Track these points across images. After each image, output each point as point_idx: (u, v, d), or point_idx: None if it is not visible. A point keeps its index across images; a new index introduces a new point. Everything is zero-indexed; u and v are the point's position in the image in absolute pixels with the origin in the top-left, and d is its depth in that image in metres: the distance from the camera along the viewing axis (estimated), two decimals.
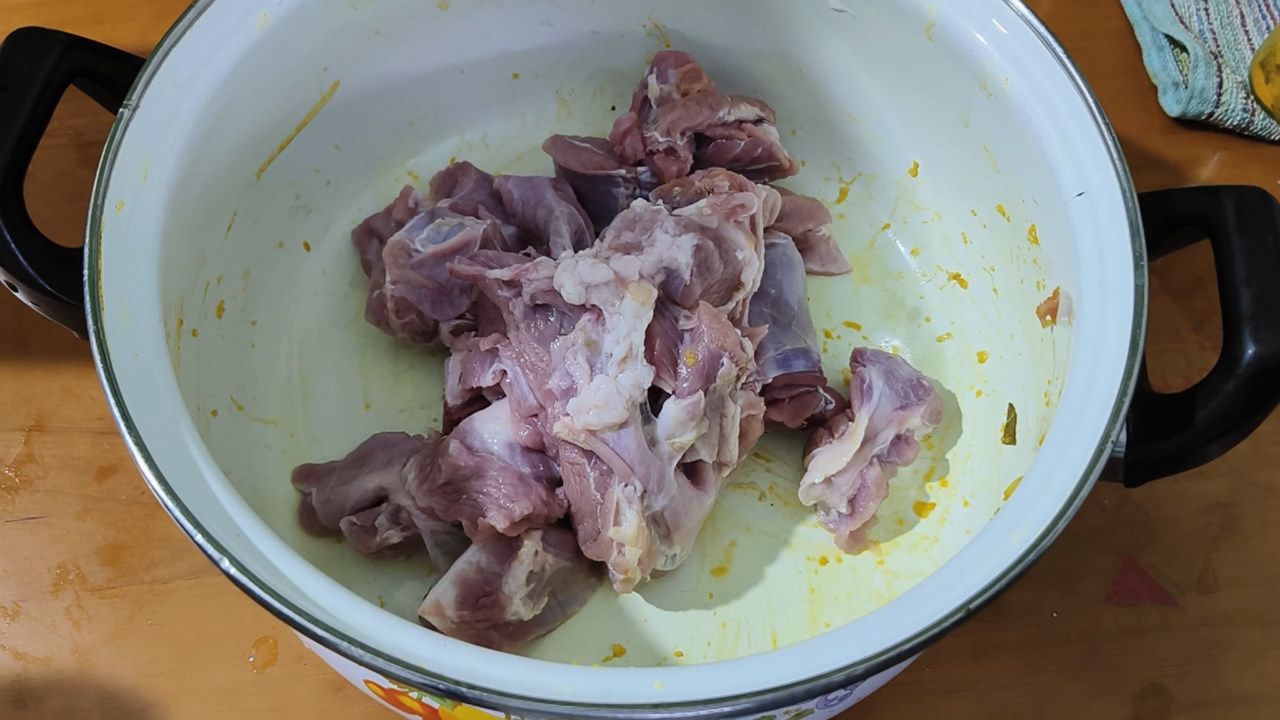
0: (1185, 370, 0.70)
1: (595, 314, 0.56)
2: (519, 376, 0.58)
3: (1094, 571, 0.64)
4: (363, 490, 0.59)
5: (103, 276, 0.50)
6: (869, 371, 0.63)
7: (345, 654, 0.43)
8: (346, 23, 0.63)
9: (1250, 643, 0.62)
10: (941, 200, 0.69)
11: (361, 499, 0.59)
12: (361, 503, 0.59)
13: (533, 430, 0.58)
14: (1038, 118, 0.57)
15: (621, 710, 0.42)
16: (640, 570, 0.56)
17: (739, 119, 0.67)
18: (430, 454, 0.58)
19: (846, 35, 0.66)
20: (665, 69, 0.69)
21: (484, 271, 0.59)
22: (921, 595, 0.45)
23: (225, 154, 0.59)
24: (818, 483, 0.61)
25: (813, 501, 0.62)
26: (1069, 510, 0.47)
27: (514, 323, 0.59)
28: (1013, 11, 0.59)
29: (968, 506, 0.63)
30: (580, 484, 0.56)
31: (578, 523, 0.58)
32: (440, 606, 0.55)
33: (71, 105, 0.58)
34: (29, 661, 0.60)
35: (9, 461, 0.65)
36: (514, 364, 0.58)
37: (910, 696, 0.60)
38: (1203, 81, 0.77)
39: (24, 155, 0.54)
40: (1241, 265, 0.51)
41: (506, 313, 0.59)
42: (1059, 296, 0.57)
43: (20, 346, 0.69)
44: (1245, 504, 0.66)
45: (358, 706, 0.59)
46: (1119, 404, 0.49)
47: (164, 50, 0.55)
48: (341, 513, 0.59)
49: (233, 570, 0.44)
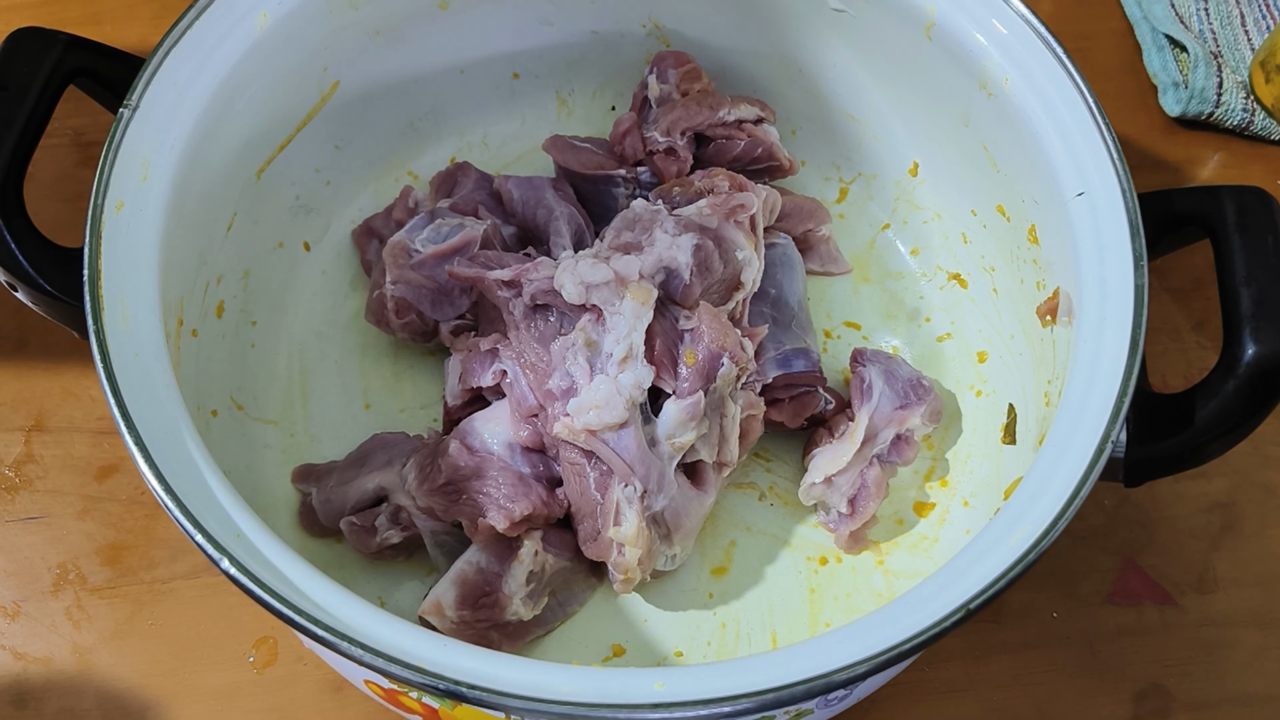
0: (1185, 370, 0.70)
1: (595, 314, 0.56)
2: (519, 377, 0.58)
3: (1094, 571, 0.64)
4: (363, 490, 0.59)
5: (103, 276, 0.50)
6: (869, 371, 0.63)
7: (345, 654, 0.43)
8: (346, 23, 0.63)
9: (1250, 643, 0.62)
10: (941, 200, 0.69)
11: (361, 499, 0.59)
12: (361, 503, 0.59)
13: (533, 431, 0.58)
14: (1038, 118, 0.57)
15: (621, 710, 0.42)
16: (640, 570, 0.56)
17: (739, 119, 0.67)
18: (430, 454, 0.58)
19: (846, 35, 0.66)
20: (665, 69, 0.69)
21: (484, 273, 0.59)
22: (921, 595, 0.45)
23: (225, 154, 0.59)
24: (818, 483, 0.61)
25: (813, 501, 0.62)
26: (1069, 510, 0.47)
27: (514, 323, 0.59)
28: (1013, 11, 0.59)
29: (968, 506, 0.63)
30: (580, 484, 0.56)
31: (578, 523, 0.58)
32: (440, 606, 0.55)
33: (71, 105, 0.58)
34: (29, 661, 0.60)
35: (9, 461, 0.65)
36: (514, 364, 0.58)
37: (910, 696, 0.60)
38: (1203, 81, 0.77)
39: (24, 155, 0.54)
40: (1241, 265, 0.51)
41: (506, 313, 0.59)
42: (1059, 296, 0.57)
43: (20, 346, 0.69)
44: (1245, 504, 0.66)
45: (358, 706, 0.59)
46: (1119, 404, 0.49)
47: (164, 50, 0.55)
48: (341, 513, 0.59)
49: (233, 570, 0.44)
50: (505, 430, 0.59)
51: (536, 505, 0.56)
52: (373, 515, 0.58)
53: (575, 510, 0.58)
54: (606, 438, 0.55)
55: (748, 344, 0.58)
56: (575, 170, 0.67)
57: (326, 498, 0.59)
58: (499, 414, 0.59)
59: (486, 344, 0.59)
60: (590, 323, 0.56)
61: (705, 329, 0.57)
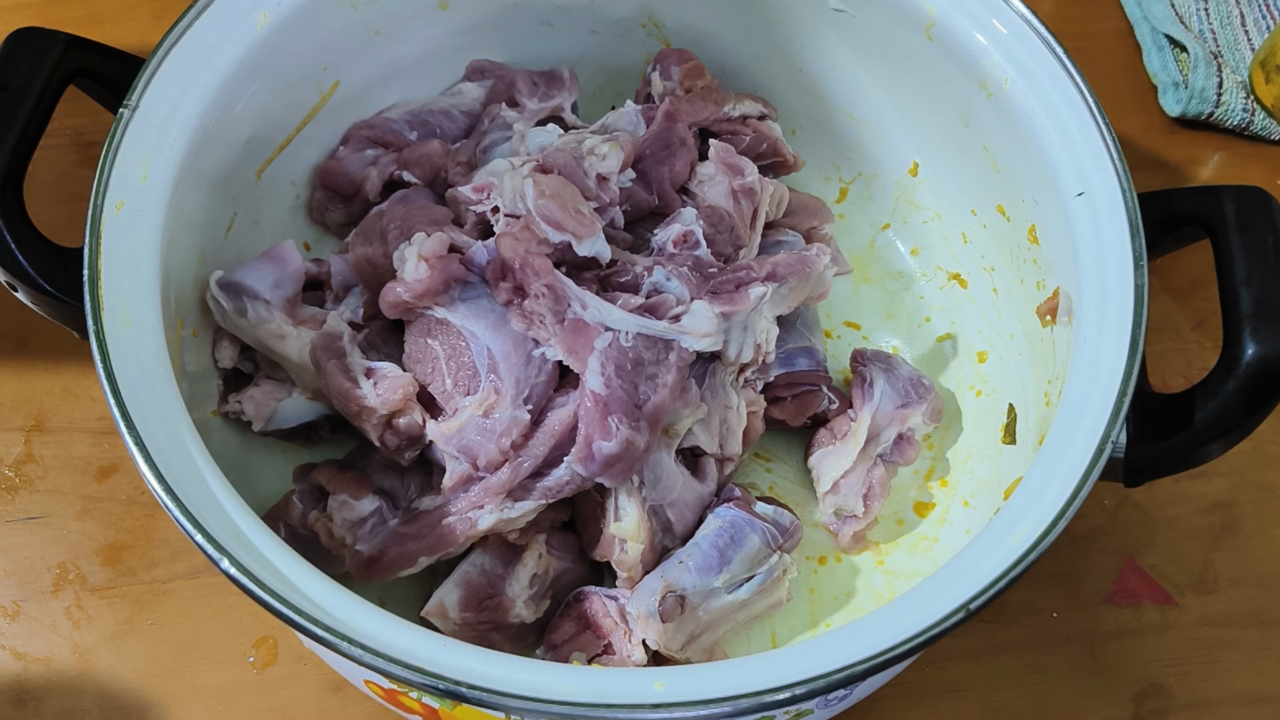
0: (1185, 370, 0.70)
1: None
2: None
3: (1094, 571, 0.64)
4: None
5: (103, 276, 0.50)
6: (870, 370, 0.63)
7: (345, 654, 0.43)
8: (346, 23, 0.63)
9: (1250, 643, 0.62)
10: (941, 200, 0.69)
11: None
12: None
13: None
14: (1038, 118, 0.57)
15: (621, 710, 0.42)
16: (642, 568, 0.56)
17: (744, 114, 0.67)
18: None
19: (846, 35, 0.66)
20: (668, 66, 0.69)
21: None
22: (921, 595, 0.46)
23: (225, 154, 0.59)
24: (828, 490, 0.61)
25: (831, 510, 0.61)
26: (1069, 510, 0.47)
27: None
28: (1013, 11, 0.59)
29: (968, 506, 0.63)
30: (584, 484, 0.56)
31: (581, 527, 0.58)
32: (444, 608, 0.55)
33: (71, 105, 0.58)
34: (29, 661, 0.60)
35: (9, 461, 0.65)
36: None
37: (910, 696, 0.60)
38: (1203, 81, 0.77)
39: (24, 155, 0.54)
40: (1241, 265, 0.51)
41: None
42: (1059, 296, 0.57)
43: (20, 346, 0.69)
44: (1245, 504, 0.66)
45: (358, 706, 0.59)
46: (1119, 404, 0.49)
47: (164, 50, 0.55)
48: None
49: (233, 570, 0.44)
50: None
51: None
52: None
53: (578, 514, 0.58)
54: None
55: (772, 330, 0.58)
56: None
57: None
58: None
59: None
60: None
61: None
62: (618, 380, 0.53)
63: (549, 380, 0.55)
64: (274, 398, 0.60)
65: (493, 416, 0.54)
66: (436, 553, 0.54)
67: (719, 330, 0.54)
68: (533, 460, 0.54)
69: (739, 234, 0.60)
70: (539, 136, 0.62)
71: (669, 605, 0.53)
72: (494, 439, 0.53)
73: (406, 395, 0.55)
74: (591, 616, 0.56)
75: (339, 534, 0.55)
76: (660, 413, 0.54)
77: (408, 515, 0.56)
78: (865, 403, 0.62)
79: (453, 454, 0.54)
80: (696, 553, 0.55)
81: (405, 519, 0.56)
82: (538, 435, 0.54)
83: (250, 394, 0.59)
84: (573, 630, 0.56)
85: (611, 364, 0.53)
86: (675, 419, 0.56)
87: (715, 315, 0.54)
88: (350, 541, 0.55)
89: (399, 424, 0.55)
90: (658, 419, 0.54)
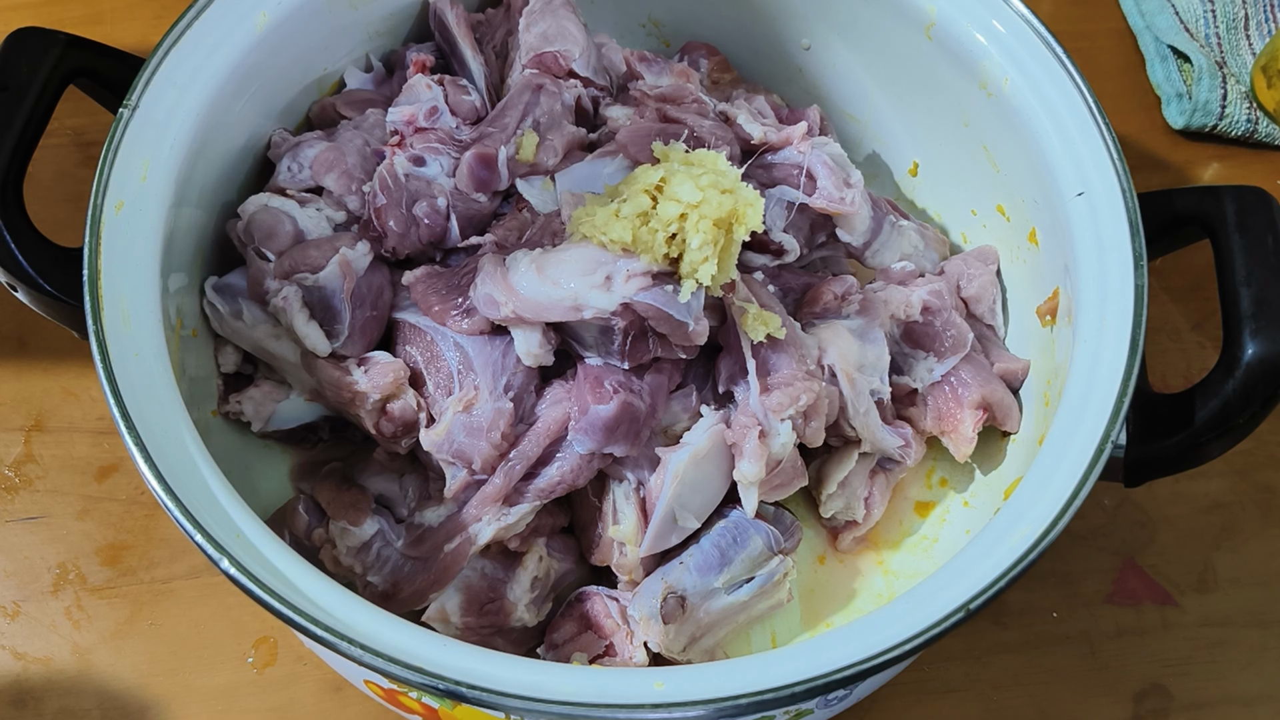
0: (1185, 370, 0.70)
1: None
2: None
3: (1094, 571, 0.64)
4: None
5: (103, 276, 0.50)
6: None
7: (345, 654, 0.43)
8: (346, 23, 0.63)
9: (1250, 643, 0.62)
10: (941, 200, 0.69)
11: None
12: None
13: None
14: (1038, 118, 0.57)
15: (621, 710, 0.42)
16: (642, 570, 0.56)
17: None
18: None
19: (846, 35, 0.66)
20: (697, 58, 0.69)
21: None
22: (921, 595, 0.46)
23: (225, 154, 0.59)
24: (834, 492, 0.60)
25: (834, 511, 0.61)
26: (1069, 510, 0.47)
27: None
28: (1013, 11, 0.59)
29: (968, 506, 0.63)
30: (580, 492, 0.56)
31: (580, 532, 0.58)
32: (445, 612, 0.55)
33: (71, 105, 0.58)
34: (29, 661, 0.60)
35: (9, 461, 0.65)
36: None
37: (910, 696, 0.60)
38: (1206, 94, 0.77)
39: (24, 155, 0.54)
40: (1241, 265, 0.51)
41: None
42: (1059, 297, 0.57)
43: (20, 346, 0.69)
44: (1245, 504, 0.66)
45: (358, 706, 0.59)
46: (1119, 404, 0.49)
47: (164, 50, 0.55)
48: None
49: (233, 570, 0.44)
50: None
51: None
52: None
53: (577, 519, 0.58)
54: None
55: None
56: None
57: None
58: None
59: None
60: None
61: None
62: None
63: (528, 370, 0.55)
64: (273, 399, 0.60)
65: (474, 411, 0.54)
66: (446, 584, 0.55)
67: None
68: (525, 461, 0.54)
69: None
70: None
71: (670, 607, 0.53)
72: (482, 435, 0.53)
73: (398, 379, 0.55)
74: (593, 617, 0.56)
75: (346, 563, 0.55)
76: (660, 386, 0.54)
77: (412, 534, 0.56)
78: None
79: (448, 460, 0.55)
80: (697, 552, 0.55)
81: (410, 540, 0.55)
82: (529, 436, 0.54)
83: (250, 394, 0.59)
84: (574, 630, 0.56)
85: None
86: (674, 421, 0.56)
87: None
88: (360, 571, 0.55)
89: (393, 409, 0.55)
90: (660, 386, 0.54)
